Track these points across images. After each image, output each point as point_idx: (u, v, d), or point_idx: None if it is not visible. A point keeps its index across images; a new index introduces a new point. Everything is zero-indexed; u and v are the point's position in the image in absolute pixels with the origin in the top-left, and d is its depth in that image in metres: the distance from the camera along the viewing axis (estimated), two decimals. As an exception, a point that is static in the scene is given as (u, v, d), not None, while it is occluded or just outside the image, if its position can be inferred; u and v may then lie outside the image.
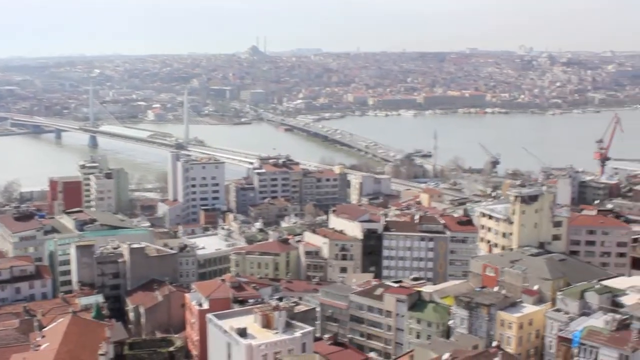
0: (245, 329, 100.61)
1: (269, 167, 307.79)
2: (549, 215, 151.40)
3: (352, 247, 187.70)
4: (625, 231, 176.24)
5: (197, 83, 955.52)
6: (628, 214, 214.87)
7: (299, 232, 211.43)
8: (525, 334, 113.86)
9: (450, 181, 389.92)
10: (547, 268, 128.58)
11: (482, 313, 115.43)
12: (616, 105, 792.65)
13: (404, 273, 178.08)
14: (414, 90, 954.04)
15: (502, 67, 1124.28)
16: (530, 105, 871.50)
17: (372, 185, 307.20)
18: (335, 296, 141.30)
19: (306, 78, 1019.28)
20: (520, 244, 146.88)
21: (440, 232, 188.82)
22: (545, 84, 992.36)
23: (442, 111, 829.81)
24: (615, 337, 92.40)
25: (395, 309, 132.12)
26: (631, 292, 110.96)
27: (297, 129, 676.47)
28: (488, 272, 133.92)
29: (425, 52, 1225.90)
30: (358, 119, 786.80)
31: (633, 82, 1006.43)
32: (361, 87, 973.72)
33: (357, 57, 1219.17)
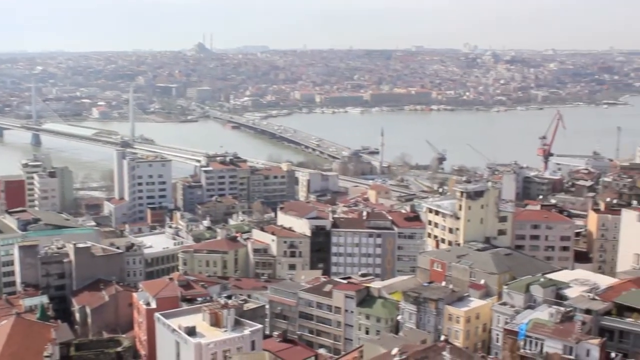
0: (194, 327, 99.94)
1: (216, 165, 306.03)
2: (494, 210, 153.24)
3: (301, 244, 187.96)
4: (568, 225, 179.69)
5: (143, 80, 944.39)
6: (571, 209, 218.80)
7: (247, 229, 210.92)
8: (472, 327, 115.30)
9: (397, 178, 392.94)
10: (493, 262, 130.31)
11: (430, 308, 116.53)
12: (558, 103, 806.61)
13: (353, 269, 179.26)
14: (360, 88, 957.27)
15: (447, 65, 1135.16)
16: (475, 103, 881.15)
17: (320, 182, 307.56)
18: (284, 293, 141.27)
19: (253, 75, 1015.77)
20: (467, 239, 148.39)
21: (387, 229, 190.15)
22: (489, 81, 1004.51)
23: (388, 108, 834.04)
24: (559, 329, 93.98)
25: (344, 305, 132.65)
26: (574, 284, 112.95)
27: (244, 127, 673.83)
28: (435, 267, 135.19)
29: (371, 50, 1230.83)
30: (305, 116, 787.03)
31: (574, 80, 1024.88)
32: (308, 84, 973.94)
33: (304, 55, 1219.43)
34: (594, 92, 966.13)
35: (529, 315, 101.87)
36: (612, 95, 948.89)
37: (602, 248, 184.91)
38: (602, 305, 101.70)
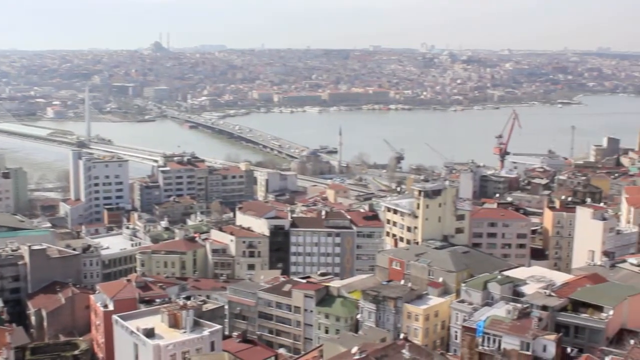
0: (153, 329, 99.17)
1: (173, 164, 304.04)
2: (452, 209, 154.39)
3: (260, 244, 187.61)
4: (524, 223, 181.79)
5: (99, 80, 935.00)
6: (527, 207, 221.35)
7: (206, 230, 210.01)
8: (431, 325, 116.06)
9: (355, 177, 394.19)
10: (451, 260, 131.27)
11: (389, 306, 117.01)
12: (514, 102, 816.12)
13: (312, 269, 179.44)
14: (318, 87, 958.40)
15: (404, 64, 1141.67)
16: (433, 102, 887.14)
17: (278, 181, 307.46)
18: (243, 293, 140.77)
19: (211, 75, 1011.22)
20: (425, 237, 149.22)
21: (346, 228, 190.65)
22: (446, 81, 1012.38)
23: (346, 108, 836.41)
24: (516, 325, 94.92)
25: (304, 305, 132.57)
26: (531, 281, 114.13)
27: (202, 126, 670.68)
28: (394, 266, 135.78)
29: (329, 49, 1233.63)
30: (263, 115, 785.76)
31: (529, 80, 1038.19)
32: (266, 83, 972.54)
33: (261, 54, 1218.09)
34: (549, 91, 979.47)
35: (487, 312, 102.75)
36: (566, 94, 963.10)
37: (558, 245, 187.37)
38: (558, 302, 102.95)
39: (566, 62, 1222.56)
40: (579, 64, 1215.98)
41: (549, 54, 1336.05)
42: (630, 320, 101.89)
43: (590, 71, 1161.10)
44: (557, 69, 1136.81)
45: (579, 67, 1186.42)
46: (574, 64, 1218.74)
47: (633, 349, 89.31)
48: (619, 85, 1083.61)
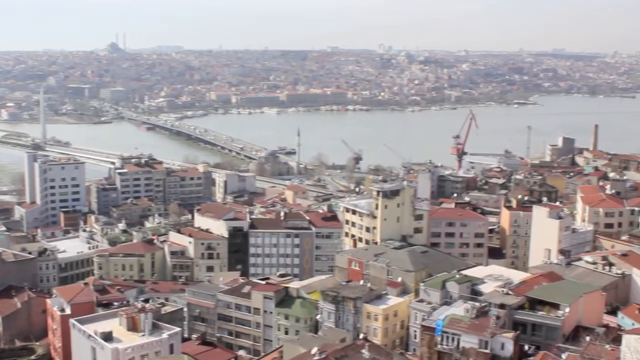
0: (111, 332, 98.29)
1: (131, 166, 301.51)
2: (410, 209, 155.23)
3: (218, 246, 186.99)
4: (482, 222, 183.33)
5: (54, 81, 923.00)
6: (484, 206, 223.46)
7: (164, 232, 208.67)
8: (390, 325, 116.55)
9: (314, 178, 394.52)
10: (409, 260, 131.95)
11: (349, 306, 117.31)
12: (471, 103, 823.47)
13: (271, 270, 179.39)
14: (276, 88, 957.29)
15: (362, 65, 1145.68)
16: (390, 103, 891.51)
17: (237, 183, 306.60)
18: (202, 295, 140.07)
19: (168, 76, 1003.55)
20: (384, 237, 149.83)
21: (305, 228, 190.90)
22: (404, 81, 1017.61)
23: (305, 108, 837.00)
24: (475, 324, 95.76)
25: (263, 306, 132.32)
26: (489, 280, 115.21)
27: (159, 128, 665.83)
28: (353, 266, 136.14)
29: (287, 50, 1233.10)
30: (221, 117, 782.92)
31: (486, 80, 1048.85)
32: (224, 85, 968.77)
33: (219, 55, 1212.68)
34: (505, 92, 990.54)
35: (446, 311, 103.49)
36: (522, 95, 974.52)
37: (515, 244, 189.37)
38: (515, 300, 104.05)
39: (522, 63, 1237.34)
40: (534, 65, 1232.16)
41: (505, 55, 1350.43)
42: (586, 317, 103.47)
43: (546, 72, 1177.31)
44: (513, 70, 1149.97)
45: (535, 68, 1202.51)
46: (530, 64, 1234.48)
47: (589, 346, 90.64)
48: (573, 86, 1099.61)
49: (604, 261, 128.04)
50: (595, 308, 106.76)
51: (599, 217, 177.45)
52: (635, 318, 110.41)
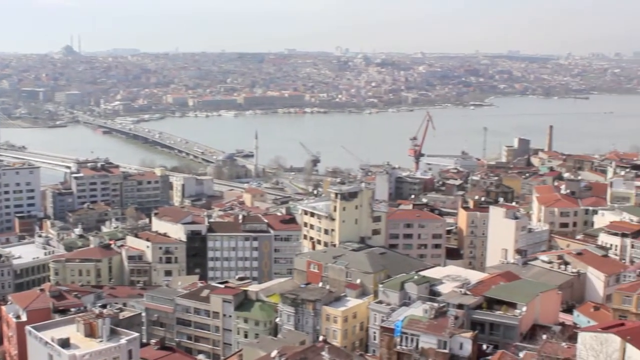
0: (68, 339, 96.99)
1: (87, 171, 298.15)
2: (368, 210, 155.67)
3: (176, 250, 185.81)
4: (439, 223, 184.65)
5: (7, 84, 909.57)
6: (442, 207, 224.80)
7: (121, 236, 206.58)
8: (350, 326, 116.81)
9: (272, 180, 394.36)
10: (368, 262, 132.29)
11: (308, 309, 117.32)
12: (428, 104, 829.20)
13: (230, 273, 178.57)
14: (234, 91, 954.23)
15: (319, 67, 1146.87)
16: (348, 105, 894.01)
17: (195, 186, 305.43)
18: (160, 300, 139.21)
19: (124, 79, 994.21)
20: (342, 239, 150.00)
21: (264, 232, 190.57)
22: (361, 84, 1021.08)
23: (262, 111, 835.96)
24: (433, 324, 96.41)
25: (222, 310, 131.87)
26: (447, 280, 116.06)
27: (115, 132, 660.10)
28: (312, 269, 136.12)
29: (244, 53, 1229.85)
30: (178, 120, 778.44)
31: (442, 82, 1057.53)
32: (181, 87, 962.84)
33: (175, 58, 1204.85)
34: (461, 93, 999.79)
35: (404, 312, 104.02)
36: (478, 96, 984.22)
37: (472, 244, 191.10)
38: (473, 300, 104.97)
39: (478, 65, 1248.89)
40: (490, 67, 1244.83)
41: (461, 57, 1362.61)
42: (542, 315, 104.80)
43: (501, 73, 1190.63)
44: (469, 72, 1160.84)
45: (490, 70, 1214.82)
46: (485, 66, 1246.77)
47: (545, 344, 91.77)
48: (528, 87, 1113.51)
49: (560, 260, 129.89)
50: (551, 307, 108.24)
51: (554, 217, 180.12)
52: (590, 316, 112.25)
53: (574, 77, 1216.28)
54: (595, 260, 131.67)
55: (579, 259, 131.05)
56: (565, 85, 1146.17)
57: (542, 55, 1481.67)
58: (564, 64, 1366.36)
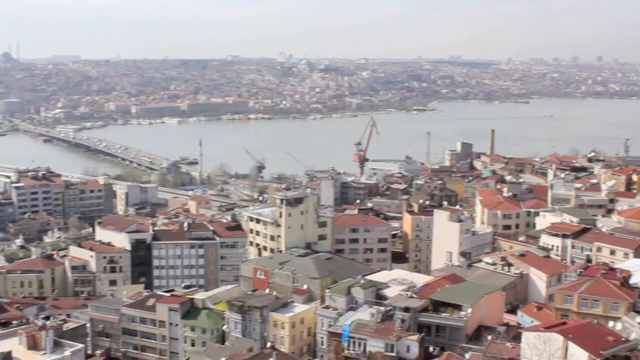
0: (10, 352, 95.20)
1: (27, 180, 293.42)
2: (314, 216, 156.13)
3: (121, 259, 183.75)
4: (385, 228, 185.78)
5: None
6: (387, 212, 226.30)
7: (64, 246, 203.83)
8: (297, 332, 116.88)
9: (217, 187, 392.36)
10: (314, 267, 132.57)
11: (255, 315, 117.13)
12: (371, 110, 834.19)
13: (176, 281, 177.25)
14: (177, 98, 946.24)
15: (263, 73, 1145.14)
16: (292, 111, 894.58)
17: (139, 194, 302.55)
18: (105, 310, 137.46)
19: (64, 86, 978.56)
20: (288, 245, 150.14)
21: (209, 239, 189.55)
22: (305, 90, 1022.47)
23: (206, 118, 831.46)
24: (380, 328, 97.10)
25: (168, 319, 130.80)
26: (393, 284, 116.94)
27: (57, 140, 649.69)
28: (259, 275, 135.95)
29: (187, 59, 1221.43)
30: (121, 127, 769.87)
31: (385, 88, 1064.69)
32: (123, 95, 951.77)
33: (117, 65, 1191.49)
34: (405, 98, 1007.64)
35: (351, 316, 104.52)
36: (421, 101, 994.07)
37: (417, 248, 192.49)
38: (419, 303, 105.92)
39: (420, 70, 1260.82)
40: (432, 72, 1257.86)
41: (403, 63, 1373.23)
42: (487, 316, 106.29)
43: (443, 79, 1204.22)
44: (412, 77, 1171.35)
45: (433, 75, 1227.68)
46: (428, 71, 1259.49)
47: (490, 344, 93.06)
48: (470, 92, 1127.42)
49: (503, 262, 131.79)
50: (495, 307, 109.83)
51: (497, 219, 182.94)
52: (533, 316, 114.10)
53: (515, 82, 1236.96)
54: (537, 261, 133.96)
55: (521, 260, 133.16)
56: (506, 89, 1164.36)
57: (483, 60, 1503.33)
58: (504, 69, 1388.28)
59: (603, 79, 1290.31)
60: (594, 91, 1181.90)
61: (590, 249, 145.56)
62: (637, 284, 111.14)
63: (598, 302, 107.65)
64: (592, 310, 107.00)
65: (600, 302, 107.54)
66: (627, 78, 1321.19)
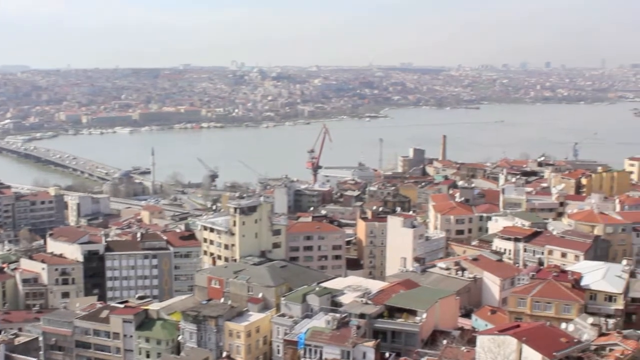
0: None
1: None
2: (268, 224, 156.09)
3: (73, 271, 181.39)
4: (339, 235, 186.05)
5: None
6: (340, 219, 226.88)
7: (15, 259, 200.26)
8: (253, 341, 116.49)
9: (170, 197, 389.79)
10: (269, 275, 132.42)
11: (210, 325, 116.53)
12: (324, 117, 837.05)
13: (130, 292, 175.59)
14: (129, 107, 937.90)
15: (215, 82, 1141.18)
16: (245, 119, 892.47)
17: (91, 205, 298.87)
18: (58, 323, 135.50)
19: (13, 97, 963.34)
20: (243, 254, 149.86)
21: (163, 249, 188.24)
22: (257, 98, 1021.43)
23: (158, 127, 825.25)
24: (336, 335, 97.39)
25: (123, 330, 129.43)
26: (348, 291, 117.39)
27: (6, 151, 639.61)
28: (213, 285, 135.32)
29: (138, 69, 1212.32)
30: (72, 137, 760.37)
31: (337, 95, 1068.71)
32: (74, 105, 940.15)
33: (68, 74, 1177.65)
34: (357, 105, 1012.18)
35: (307, 324, 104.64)
36: (373, 108, 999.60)
37: (372, 254, 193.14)
38: (374, 309, 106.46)
39: (372, 77, 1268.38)
40: (384, 79, 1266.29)
41: (355, 70, 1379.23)
42: (442, 321, 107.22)
43: (395, 85, 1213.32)
44: (363, 84, 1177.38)
45: (384, 82, 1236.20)
46: (379, 78, 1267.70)
47: (446, 349, 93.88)
48: (421, 99, 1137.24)
49: (457, 266, 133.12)
50: (450, 312, 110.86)
51: (450, 224, 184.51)
52: (487, 319, 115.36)
53: (465, 88, 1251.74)
54: (490, 265, 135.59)
55: (475, 264, 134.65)
56: (457, 95, 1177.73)
57: (434, 67, 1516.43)
58: (455, 75, 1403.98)
59: (551, 85, 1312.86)
60: (542, 96, 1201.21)
61: (542, 252, 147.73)
62: (588, 286, 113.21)
63: (550, 305, 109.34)
64: (544, 313, 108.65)
65: (553, 305, 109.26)
66: (575, 83, 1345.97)
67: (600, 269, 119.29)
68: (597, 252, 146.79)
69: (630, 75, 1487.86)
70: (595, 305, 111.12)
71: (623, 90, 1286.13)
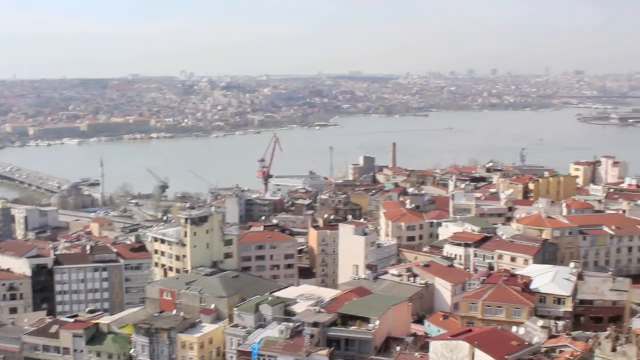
0: None
1: None
2: (219, 234, 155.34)
3: (21, 285, 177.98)
4: (291, 244, 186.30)
5: None
6: (292, 227, 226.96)
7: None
8: (206, 352, 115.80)
9: (120, 208, 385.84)
10: (221, 286, 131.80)
11: (163, 337, 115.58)
12: (274, 126, 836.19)
13: (80, 306, 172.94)
14: (76, 118, 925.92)
15: (164, 92, 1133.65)
16: (194, 129, 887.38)
17: (38, 218, 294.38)
18: (5, 339, 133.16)
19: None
20: (194, 265, 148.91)
21: (113, 261, 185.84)
22: (207, 107, 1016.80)
23: (107, 138, 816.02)
24: (290, 344, 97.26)
25: (73, 345, 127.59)
26: (301, 300, 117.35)
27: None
28: (165, 296, 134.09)
29: (86, 79, 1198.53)
30: (19, 149, 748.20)
31: (287, 104, 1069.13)
32: (20, 116, 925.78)
33: (13, 85, 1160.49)
34: (307, 114, 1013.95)
35: (260, 334, 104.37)
36: (323, 117, 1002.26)
37: (324, 262, 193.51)
38: (327, 317, 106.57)
39: (321, 86, 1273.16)
40: (333, 87, 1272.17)
41: (305, 79, 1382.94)
42: (395, 327, 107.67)
43: (344, 94, 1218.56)
44: (313, 93, 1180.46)
45: (334, 90, 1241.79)
46: (329, 87, 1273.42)
47: (399, 355, 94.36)
48: (370, 106, 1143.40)
49: (409, 273, 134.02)
50: (403, 318, 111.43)
51: (401, 231, 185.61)
52: (440, 324, 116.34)
53: (414, 96, 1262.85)
54: (441, 271, 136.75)
55: (426, 270, 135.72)
56: (406, 103, 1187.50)
57: (383, 75, 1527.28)
58: (403, 83, 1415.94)
59: (498, 91, 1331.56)
60: (489, 103, 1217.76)
61: (491, 257, 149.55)
62: (537, 289, 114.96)
63: (501, 308, 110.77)
64: (496, 317, 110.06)
65: (504, 308, 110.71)
66: (520, 90, 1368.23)
67: (548, 272, 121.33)
68: (545, 256, 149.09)
69: (573, 81, 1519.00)
70: (545, 308, 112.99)
71: (567, 97, 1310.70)
